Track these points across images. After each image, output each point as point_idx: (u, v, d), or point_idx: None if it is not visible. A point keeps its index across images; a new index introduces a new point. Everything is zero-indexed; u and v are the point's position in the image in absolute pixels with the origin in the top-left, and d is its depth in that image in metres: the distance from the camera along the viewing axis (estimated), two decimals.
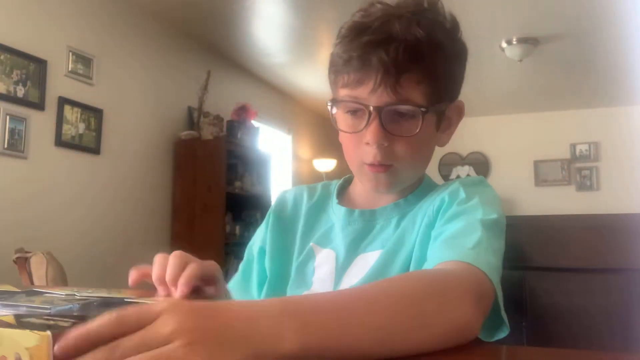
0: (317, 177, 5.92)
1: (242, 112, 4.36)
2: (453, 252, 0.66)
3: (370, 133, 0.75)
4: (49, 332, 0.45)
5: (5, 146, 2.87)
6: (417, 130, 0.75)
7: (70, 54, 3.28)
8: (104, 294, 0.62)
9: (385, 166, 0.78)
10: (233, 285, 0.92)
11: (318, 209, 0.89)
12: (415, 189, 0.85)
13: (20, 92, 2.98)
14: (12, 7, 2.96)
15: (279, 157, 5.40)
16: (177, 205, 4.04)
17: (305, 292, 0.82)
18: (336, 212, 0.87)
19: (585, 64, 4.86)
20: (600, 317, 0.84)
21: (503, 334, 0.66)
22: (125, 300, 0.60)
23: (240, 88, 4.91)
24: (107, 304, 0.57)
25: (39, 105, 3.08)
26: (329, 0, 3.68)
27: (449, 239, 0.70)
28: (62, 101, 3.21)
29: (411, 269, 0.76)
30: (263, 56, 4.74)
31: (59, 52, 3.21)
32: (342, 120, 0.80)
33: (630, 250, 0.84)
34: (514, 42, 4.34)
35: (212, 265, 0.68)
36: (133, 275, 0.65)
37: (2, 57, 2.89)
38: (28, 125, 2.99)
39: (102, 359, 0.38)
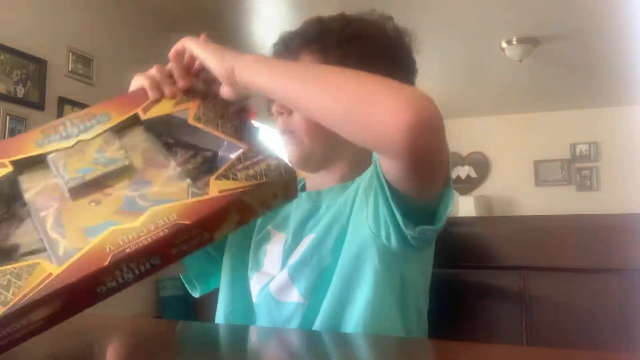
0: None
1: (242, 112, 4.35)
2: None
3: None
4: None
5: None
6: None
7: (70, 54, 3.28)
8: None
9: (287, 133, 0.84)
10: None
11: None
12: (362, 173, 0.86)
13: (20, 92, 2.98)
14: (12, 7, 2.96)
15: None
16: None
17: (257, 273, 0.84)
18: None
19: (585, 64, 4.86)
20: (600, 317, 0.84)
21: (450, 204, 0.67)
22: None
23: None
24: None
25: (39, 105, 3.08)
26: (328, 0, 3.68)
27: None
28: (62, 101, 3.21)
29: (346, 243, 0.77)
30: None
31: (59, 52, 3.21)
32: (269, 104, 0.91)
33: (630, 250, 0.84)
34: (514, 42, 4.34)
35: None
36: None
37: (2, 57, 2.89)
38: (28, 125, 2.99)
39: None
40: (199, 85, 0.69)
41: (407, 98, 0.58)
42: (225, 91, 0.70)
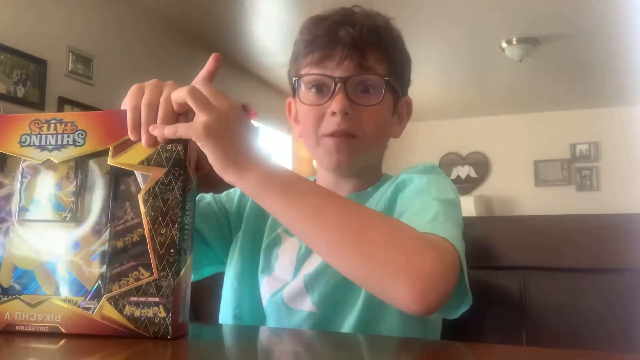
0: None
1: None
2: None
3: (337, 102, 0.78)
4: None
5: None
6: (381, 99, 0.79)
7: (70, 54, 3.28)
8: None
9: (348, 136, 0.79)
10: None
11: None
12: (375, 183, 0.86)
13: (20, 92, 2.98)
14: (12, 7, 2.96)
15: (279, 157, 5.40)
16: None
17: (267, 277, 0.83)
18: None
19: (585, 64, 4.86)
20: (601, 317, 0.84)
21: (466, 306, 0.65)
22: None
23: (240, 88, 4.90)
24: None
25: (39, 105, 3.08)
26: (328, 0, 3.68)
27: (405, 219, 0.68)
28: (62, 101, 3.21)
29: None
30: (263, 56, 4.74)
31: (59, 52, 3.21)
32: (305, 97, 0.83)
33: (630, 250, 0.84)
34: (514, 42, 4.34)
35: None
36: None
37: (2, 57, 2.89)
38: None
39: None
40: (179, 148, 0.61)
41: (418, 280, 0.55)
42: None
